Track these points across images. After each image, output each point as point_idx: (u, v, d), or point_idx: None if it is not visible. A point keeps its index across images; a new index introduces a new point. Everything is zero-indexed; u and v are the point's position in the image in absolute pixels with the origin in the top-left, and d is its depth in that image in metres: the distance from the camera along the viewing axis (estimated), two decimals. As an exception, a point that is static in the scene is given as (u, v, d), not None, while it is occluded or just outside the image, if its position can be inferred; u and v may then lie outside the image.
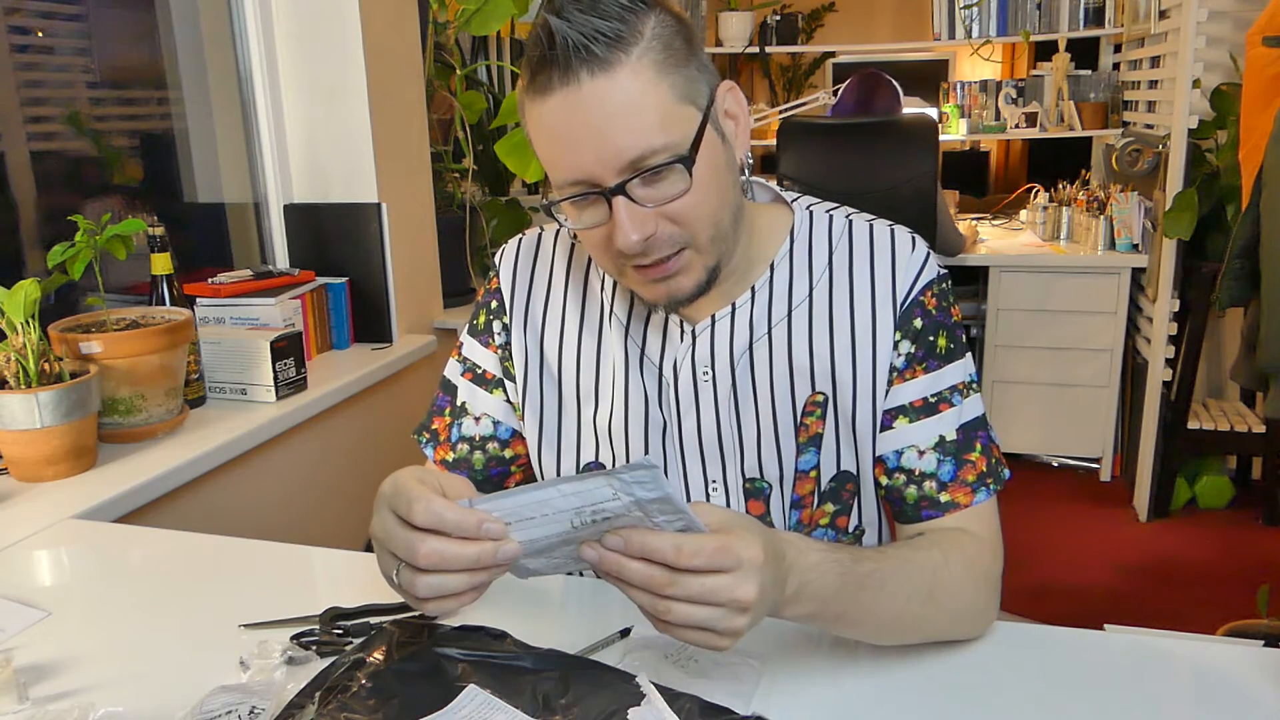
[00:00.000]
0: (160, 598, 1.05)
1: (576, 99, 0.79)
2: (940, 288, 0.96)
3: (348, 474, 1.95)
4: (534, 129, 0.84)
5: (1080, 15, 3.71)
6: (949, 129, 3.95)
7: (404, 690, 0.79)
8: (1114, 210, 3.23)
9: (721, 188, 0.86)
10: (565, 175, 0.83)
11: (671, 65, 0.81)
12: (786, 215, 0.99)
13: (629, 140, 0.79)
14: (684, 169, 0.81)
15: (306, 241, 2.11)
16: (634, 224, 0.82)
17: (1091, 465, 3.42)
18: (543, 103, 0.81)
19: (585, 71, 0.78)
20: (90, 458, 1.38)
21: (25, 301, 1.29)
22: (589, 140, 0.80)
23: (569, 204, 0.85)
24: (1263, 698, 0.81)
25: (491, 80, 3.00)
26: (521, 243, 1.06)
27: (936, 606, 0.86)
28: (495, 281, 1.06)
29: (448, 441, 1.06)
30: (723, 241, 0.88)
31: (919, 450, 0.94)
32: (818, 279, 0.96)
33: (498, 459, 1.06)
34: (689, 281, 0.87)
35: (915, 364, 0.94)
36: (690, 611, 0.67)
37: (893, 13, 4.89)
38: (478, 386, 1.06)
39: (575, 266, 1.03)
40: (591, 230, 0.85)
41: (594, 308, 1.01)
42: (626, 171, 0.80)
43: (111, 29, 1.95)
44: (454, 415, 1.06)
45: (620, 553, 0.68)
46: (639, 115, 0.79)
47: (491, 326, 1.05)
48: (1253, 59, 2.12)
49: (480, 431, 1.05)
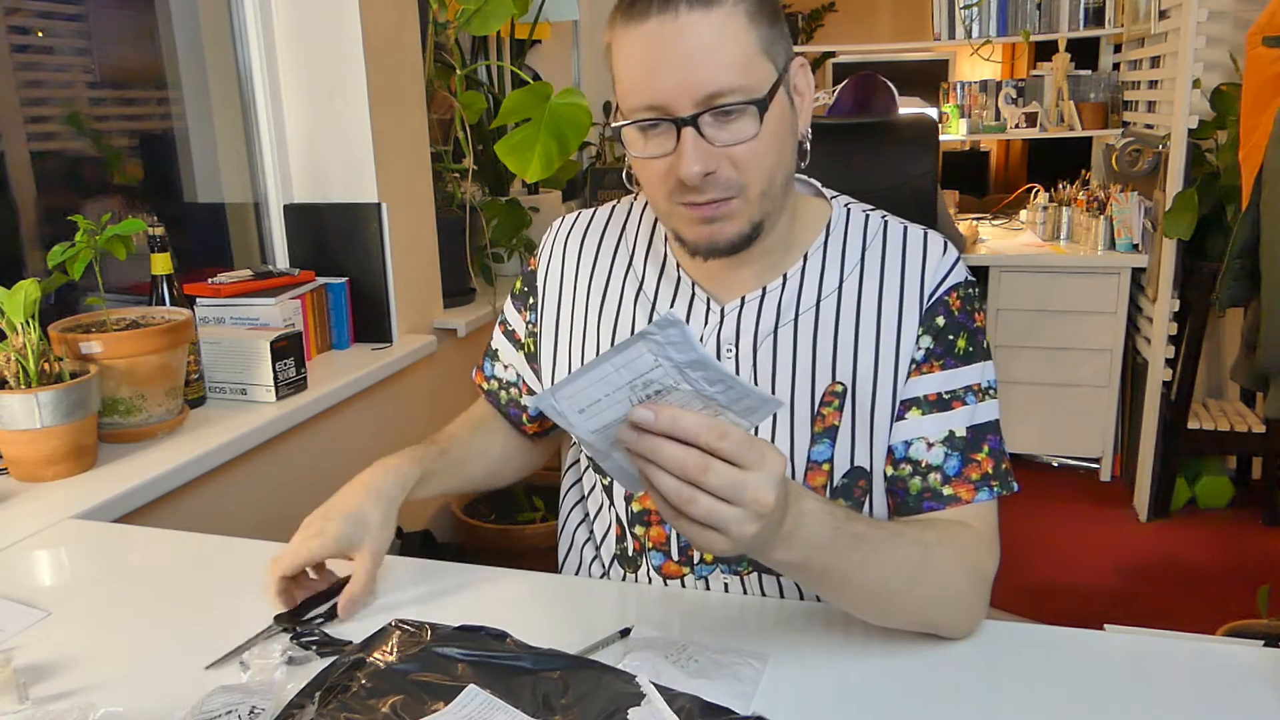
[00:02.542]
0: (160, 598, 1.05)
1: (672, 28, 0.83)
2: (966, 292, 0.98)
3: (348, 474, 1.94)
4: (620, 52, 0.87)
5: (1080, 15, 3.71)
6: (949, 129, 3.95)
7: (404, 690, 0.79)
8: (1114, 210, 3.23)
9: (782, 148, 0.90)
10: (642, 99, 0.86)
11: (762, 20, 0.86)
12: (825, 209, 1.02)
13: (711, 75, 0.83)
14: (756, 114, 0.85)
15: (306, 241, 2.11)
16: (697, 155, 0.85)
17: (1091, 465, 3.42)
18: (636, 27, 0.84)
19: (685, 3, 0.83)
20: (90, 458, 1.38)
21: (25, 301, 1.29)
22: (674, 69, 0.83)
23: (636, 130, 0.88)
24: (1263, 698, 0.81)
25: (491, 80, 3.00)
26: (562, 225, 1.12)
27: (923, 585, 0.86)
28: (534, 262, 1.13)
29: (483, 370, 1.21)
30: (771, 200, 0.91)
31: (928, 442, 0.95)
32: (848, 272, 0.98)
33: (516, 403, 1.19)
34: (732, 229, 0.90)
35: (934, 359, 0.95)
36: (712, 506, 0.67)
37: (893, 13, 4.89)
38: (507, 340, 1.17)
39: (605, 247, 1.08)
40: (653, 160, 0.88)
41: (619, 285, 1.05)
42: (702, 105, 0.84)
43: (111, 29, 1.95)
44: (491, 355, 1.20)
45: (650, 431, 0.67)
46: (725, 54, 0.83)
47: (525, 298, 1.14)
48: (1253, 59, 2.12)
49: (506, 377, 1.18)
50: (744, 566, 1.02)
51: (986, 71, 4.39)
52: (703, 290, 1.00)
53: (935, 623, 0.89)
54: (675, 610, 0.99)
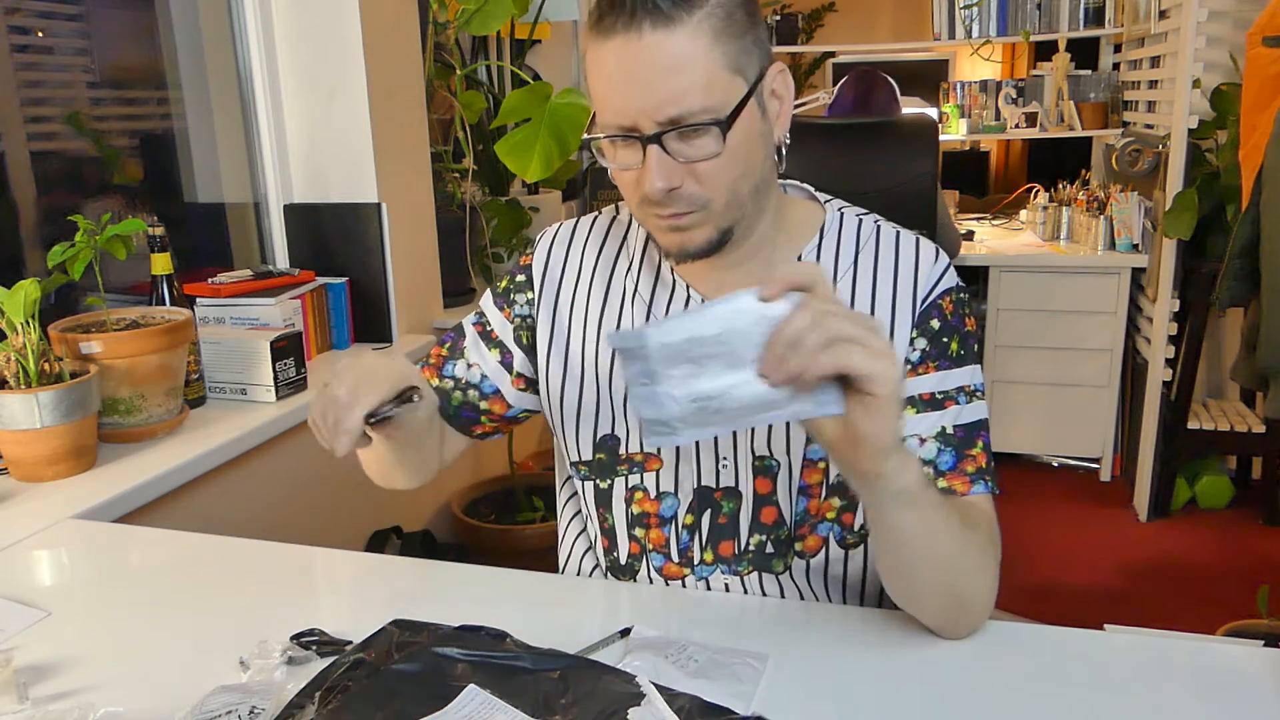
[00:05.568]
0: (160, 598, 1.05)
1: (636, 47, 0.83)
2: (958, 297, 0.99)
3: (348, 474, 1.95)
4: (590, 65, 0.88)
5: (1080, 15, 3.71)
6: (949, 129, 3.95)
7: (404, 690, 0.79)
8: (1114, 210, 3.23)
9: (750, 160, 0.90)
10: (610, 117, 0.87)
11: (729, 34, 0.85)
12: (819, 213, 1.03)
13: (673, 96, 0.84)
14: (719, 133, 0.86)
15: (306, 241, 2.11)
16: (661, 173, 0.86)
17: (1091, 465, 3.42)
18: (603, 43, 0.85)
19: (649, 23, 0.83)
20: (90, 458, 1.38)
21: (25, 301, 1.29)
22: (637, 89, 0.85)
23: (608, 143, 0.90)
24: (1263, 698, 0.81)
25: (491, 80, 3.00)
26: (560, 228, 1.12)
27: (968, 546, 0.87)
28: (529, 259, 1.11)
29: (437, 370, 1.13)
30: (739, 208, 0.92)
31: (920, 439, 0.95)
32: (842, 275, 0.99)
33: (472, 405, 1.13)
34: (700, 236, 0.92)
35: (928, 360, 0.96)
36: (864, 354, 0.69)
37: (893, 13, 4.89)
38: (482, 340, 1.12)
39: (605, 252, 1.08)
40: (624, 172, 0.90)
41: (618, 287, 1.06)
42: (665, 125, 0.85)
43: (111, 29, 1.95)
44: (453, 353, 1.13)
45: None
46: (687, 75, 0.84)
47: (512, 297, 1.11)
48: (1253, 59, 2.12)
49: (468, 377, 1.12)
50: (744, 567, 1.02)
51: (986, 71, 4.38)
52: (697, 295, 1.01)
53: (972, 594, 0.89)
54: (675, 610, 0.99)
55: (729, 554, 1.02)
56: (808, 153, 2.98)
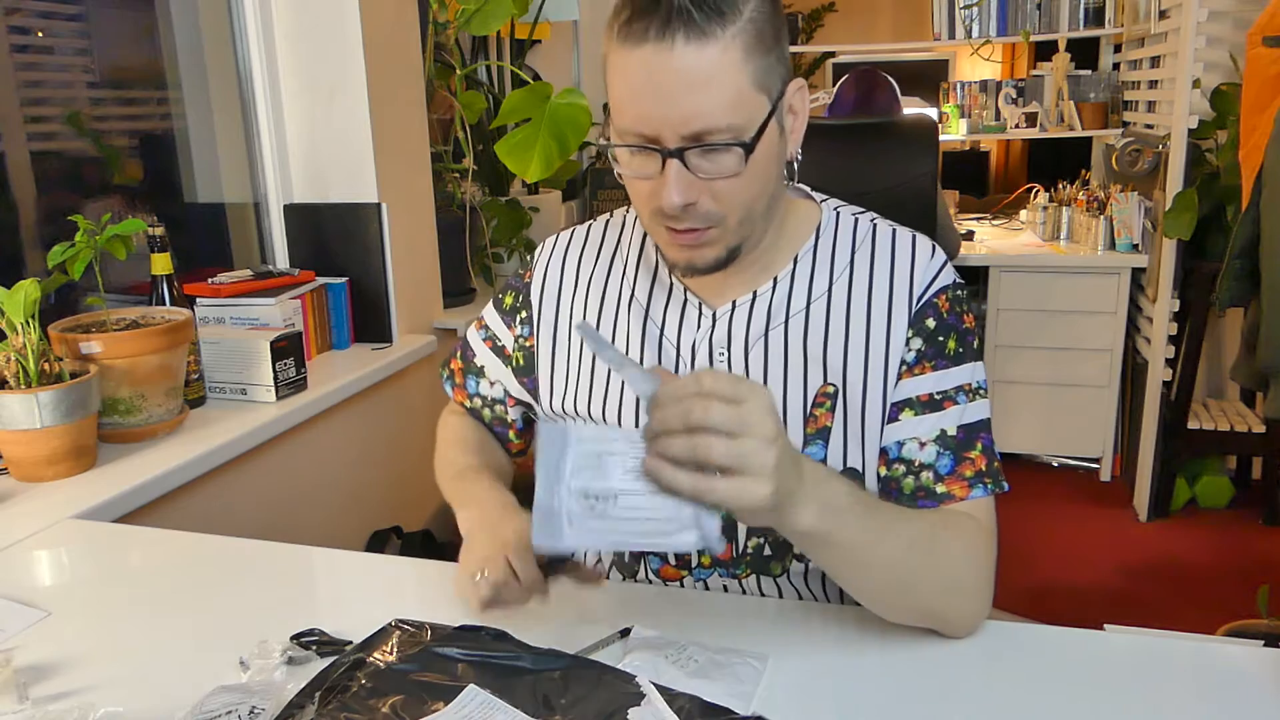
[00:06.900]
0: (160, 598, 1.05)
1: (666, 58, 0.81)
2: (954, 294, 0.98)
3: (348, 474, 1.95)
4: (614, 70, 0.86)
5: (1080, 15, 3.71)
6: (949, 129, 3.95)
7: (404, 690, 0.79)
8: (1114, 210, 3.23)
9: (766, 178, 0.90)
10: (630, 124, 0.86)
11: (759, 51, 0.84)
12: (815, 213, 1.03)
13: (700, 112, 0.82)
14: (742, 153, 0.85)
15: (306, 241, 2.11)
16: (679, 188, 0.85)
17: (1091, 465, 3.42)
18: (631, 50, 0.83)
19: (682, 35, 0.81)
20: (90, 458, 1.38)
21: (25, 301, 1.29)
22: (664, 101, 0.83)
23: (624, 149, 0.88)
24: (1263, 698, 0.81)
25: (491, 80, 3.00)
26: (557, 241, 1.12)
27: (934, 565, 0.86)
28: (529, 275, 1.12)
29: (463, 389, 1.18)
30: (750, 225, 0.92)
31: (920, 442, 0.95)
32: (838, 275, 0.99)
33: (500, 420, 1.17)
34: (710, 254, 0.92)
35: (925, 360, 0.96)
36: (727, 445, 0.67)
37: (892, 13, 4.89)
38: (495, 355, 1.15)
39: (601, 259, 1.08)
40: (638, 180, 0.89)
41: (614, 293, 1.06)
42: (689, 140, 0.84)
43: (111, 29, 1.95)
44: (471, 371, 1.17)
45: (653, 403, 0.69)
46: (716, 92, 0.82)
47: (516, 311, 1.13)
48: (1253, 59, 2.12)
49: (492, 394, 1.16)
50: (743, 570, 1.02)
51: (986, 71, 4.39)
52: (694, 295, 1.01)
53: (945, 611, 0.89)
54: (675, 610, 0.98)
55: (727, 557, 1.02)
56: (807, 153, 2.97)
